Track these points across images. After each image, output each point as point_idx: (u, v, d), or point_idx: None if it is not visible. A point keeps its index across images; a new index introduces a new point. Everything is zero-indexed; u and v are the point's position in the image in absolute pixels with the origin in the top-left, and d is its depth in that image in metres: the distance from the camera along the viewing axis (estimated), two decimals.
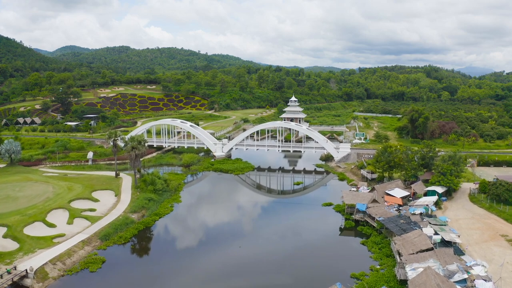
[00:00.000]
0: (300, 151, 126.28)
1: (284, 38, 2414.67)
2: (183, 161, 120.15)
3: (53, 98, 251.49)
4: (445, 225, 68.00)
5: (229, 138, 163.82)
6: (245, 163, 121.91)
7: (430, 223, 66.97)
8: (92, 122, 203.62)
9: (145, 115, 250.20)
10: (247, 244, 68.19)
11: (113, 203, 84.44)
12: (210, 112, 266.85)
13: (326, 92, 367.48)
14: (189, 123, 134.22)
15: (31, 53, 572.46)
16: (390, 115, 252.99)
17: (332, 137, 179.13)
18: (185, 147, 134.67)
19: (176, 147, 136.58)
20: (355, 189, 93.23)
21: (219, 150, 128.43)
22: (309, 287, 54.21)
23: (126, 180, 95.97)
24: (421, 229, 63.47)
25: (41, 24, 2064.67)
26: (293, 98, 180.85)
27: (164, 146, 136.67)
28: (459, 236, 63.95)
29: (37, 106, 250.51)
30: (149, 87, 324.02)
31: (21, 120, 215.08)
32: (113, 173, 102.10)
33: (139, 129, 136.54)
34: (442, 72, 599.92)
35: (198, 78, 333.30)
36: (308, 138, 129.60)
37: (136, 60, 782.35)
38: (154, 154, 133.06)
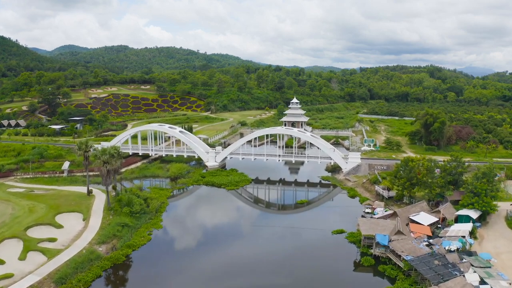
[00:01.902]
0: (303, 161, 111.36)
1: (284, 38, 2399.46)
2: (170, 173, 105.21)
3: (40, 99, 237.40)
4: (489, 266, 53.69)
5: (224, 144, 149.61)
6: (240, 174, 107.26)
7: (472, 265, 52.64)
8: (78, 125, 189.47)
9: (136, 117, 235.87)
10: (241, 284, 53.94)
11: (79, 230, 69.94)
12: (206, 113, 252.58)
13: (327, 93, 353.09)
14: (178, 129, 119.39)
15: (27, 52, 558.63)
16: (396, 118, 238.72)
17: (337, 142, 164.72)
18: (174, 156, 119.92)
19: (164, 155, 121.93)
20: (369, 210, 78.91)
21: (211, 159, 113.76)
22: None
23: (99, 199, 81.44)
24: (463, 275, 49.19)
25: (40, 24, 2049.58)
26: (295, 100, 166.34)
27: (150, 154, 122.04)
28: (510, 284, 49.72)
29: (24, 108, 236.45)
30: (143, 87, 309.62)
31: (5, 122, 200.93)
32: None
33: (123, 135, 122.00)
34: (445, 72, 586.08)
35: (194, 78, 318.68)
36: (312, 144, 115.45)
37: (134, 59, 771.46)
38: (139, 163, 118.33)
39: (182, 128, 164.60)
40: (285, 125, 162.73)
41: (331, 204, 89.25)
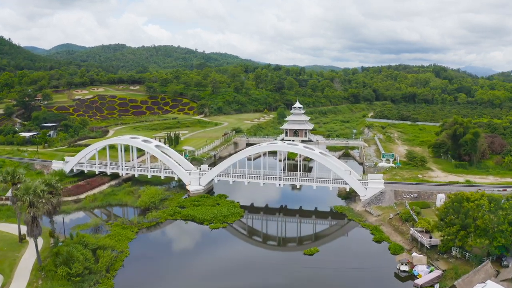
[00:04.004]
0: (311, 186, 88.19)
1: (284, 37, 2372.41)
2: (139, 202, 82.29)
3: (15, 101, 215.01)
4: None
5: (215, 157, 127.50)
6: (230, 204, 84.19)
7: None
8: (51, 132, 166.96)
9: (122, 121, 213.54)
10: None
11: None
12: (199, 117, 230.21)
13: (330, 94, 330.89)
14: (154, 142, 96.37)
15: (20, 51, 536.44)
16: (408, 122, 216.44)
17: (347, 154, 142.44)
18: (149, 176, 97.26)
19: (136, 175, 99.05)
20: (406, 267, 56.66)
21: (195, 181, 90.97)
22: None
23: (32, 250, 58.81)
24: None
25: (38, 22, 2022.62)
26: (298, 104, 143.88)
27: (120, 174, 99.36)
28: None
29: (0, 111, 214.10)
30: (132, 87, 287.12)
31: None
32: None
33: (88, 150, 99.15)
34: (450, 72, 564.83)
35: (188, 77, 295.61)
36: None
37: (131, 58, 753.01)
38: (106, 185, 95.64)
39: (168, 135, 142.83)
40: (286, 134, 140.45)
41: (350, 252, 65.73)
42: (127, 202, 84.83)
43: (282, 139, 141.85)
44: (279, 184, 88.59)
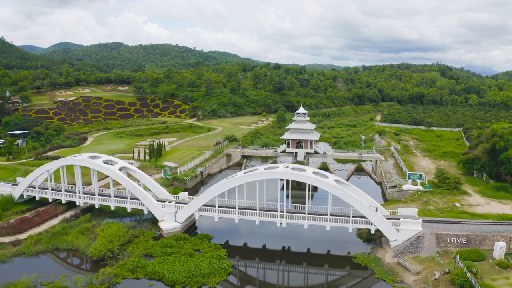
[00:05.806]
0: (324, 226, 66.61)
1: (283, 36, 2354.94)
2: (92, 250, 59.47)
3: None
4: None
5: (202, 176, 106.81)
6: (214, 252, 61.82)
7: None
8: (19, 141, 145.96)
9: (105, 126, 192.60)
10: None
11: None
12: (191, 121, 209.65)
13: (334, 94, 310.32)
14: (120, 164, 74.54)
15: (13, 49, 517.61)
16: (422, 127, 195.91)
17: (361, 168, 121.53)
18: (112, 208, 76.15)
19: (96, 206, 77.71)
20: None
21: (170, 217, 69.75)
22: None
23: None
24: None
25: (36, 21, 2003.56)
26: (302, 110, 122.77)
27: (77, 203, 78.20)
28: None
29: None
30: (120, 88, 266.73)
31: None
32: None
33: (39, 171, 77.82)
34: (455, 71, 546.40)
35: (180, 77, 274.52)
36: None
37: (127, 57, 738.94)
38: (58, 219, 74.13)
39: (150, 145, 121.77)
40: (288, 144, 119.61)
41: None
42: (80, 246, 63.39)
43: (283, 151, 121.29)
44: (280, 223, 67.33)
